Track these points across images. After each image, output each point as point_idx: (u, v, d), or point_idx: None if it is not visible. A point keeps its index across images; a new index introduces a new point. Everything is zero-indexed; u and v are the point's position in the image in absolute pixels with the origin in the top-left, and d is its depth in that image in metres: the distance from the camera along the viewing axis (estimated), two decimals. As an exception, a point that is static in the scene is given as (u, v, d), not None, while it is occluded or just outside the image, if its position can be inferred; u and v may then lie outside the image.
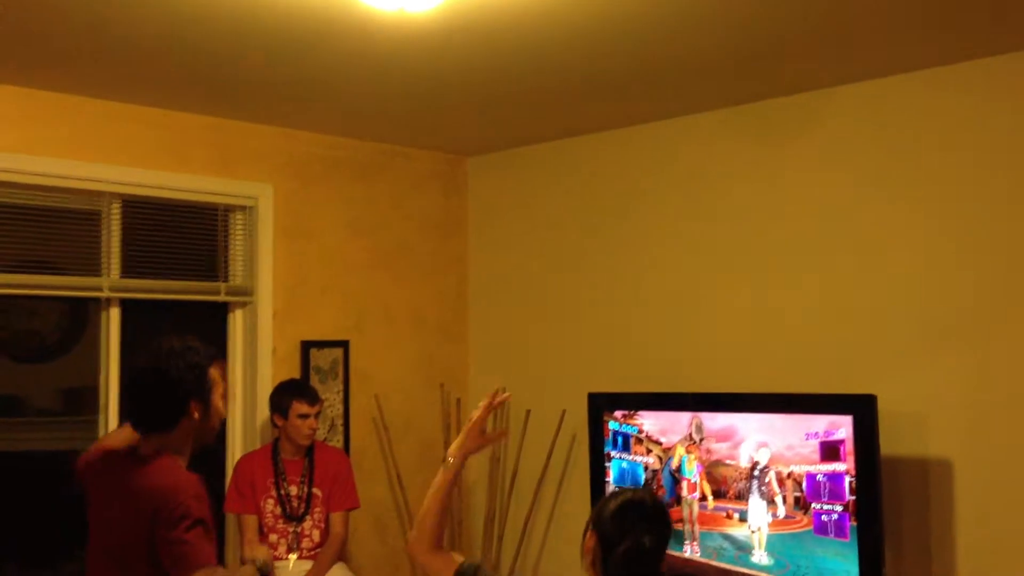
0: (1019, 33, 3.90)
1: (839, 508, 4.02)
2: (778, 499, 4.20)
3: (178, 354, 2.91)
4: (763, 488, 4.25)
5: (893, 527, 4.24)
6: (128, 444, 3.00)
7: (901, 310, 4.36)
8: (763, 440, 4.26)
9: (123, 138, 4.71)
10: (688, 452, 4.52)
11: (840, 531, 4.02)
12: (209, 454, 5.05)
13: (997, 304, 4.13)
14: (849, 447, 4.00)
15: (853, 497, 3.98)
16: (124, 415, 3.04)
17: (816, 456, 4.09)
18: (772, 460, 4.22)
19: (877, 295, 4.43)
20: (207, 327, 5.13)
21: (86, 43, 3.88)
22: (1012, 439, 4.05)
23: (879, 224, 4.44)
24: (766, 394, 4.40)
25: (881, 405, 4.01)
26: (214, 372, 2.98)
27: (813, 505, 4.10)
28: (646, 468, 4.67)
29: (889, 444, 4.13)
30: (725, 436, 4.41)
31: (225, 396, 3.04)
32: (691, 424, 4.52)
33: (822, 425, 4.09)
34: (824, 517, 4.07)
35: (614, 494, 2.92)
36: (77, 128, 4.58)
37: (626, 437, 4.74)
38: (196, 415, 2.91)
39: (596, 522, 2.80)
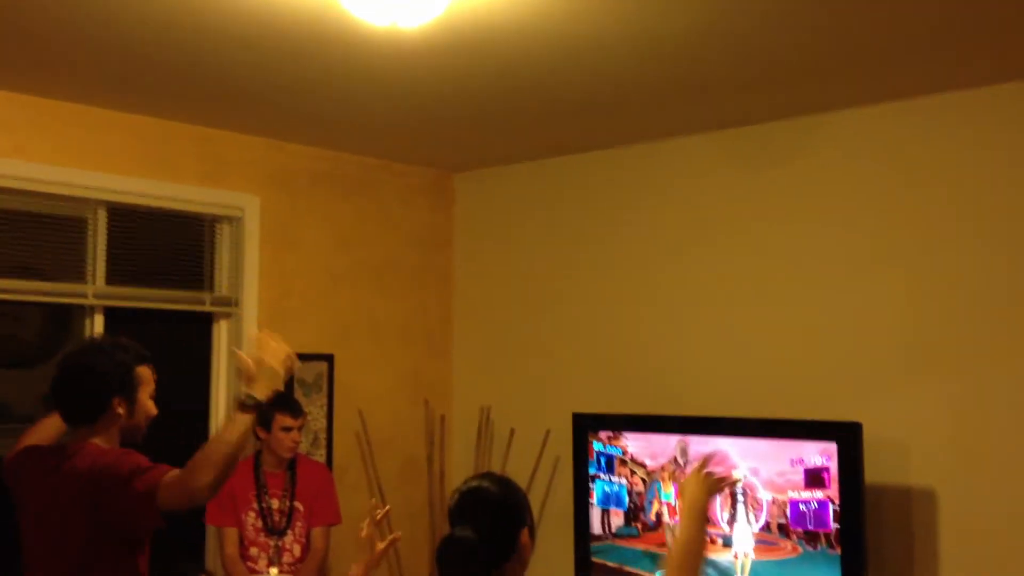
0: (1005, 66, 3.92)
1: (823, 536, 4.01)
2: (758, 516, 4.19)
3: (106, 352, 3.01)
4: (748, 511, 4.24)
5: (876, 555, 4.24)
6: (54, 439, 3.11)
7: (886, 338, 4.37)
8: (750, 466, 4.25)
9: (111, 146, 4.69)
10: (672, 476, 4.51)
11: (824, 559, 4.01)
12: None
13: (981, 333, 4.14)
14: (834, 474, 3.99)
15: (837, 525, 3.97)
16: (54, 406, 3.11)
17: (800, 482, 4.09)
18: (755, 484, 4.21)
19: (863, 322, 4.44)
20: (191, 337, 5.10)
21: (75, 49, 3.86)
22: (995, 468, 4.06)
23: (865, 251, 4.45)
24: (751, 419, 4.40)
25: (866, 433, 4.02)
26: (142, 371, 3.06)
27: (796, 532, 4.09)
28: (630, 491, 4.65)
29: (873, 472, 4.13)
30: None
31: (154, 396, 3.10)
32: (676, 447, 4.50)
33: (807, 452, 4.08)
34: (808, 545, 4.06)
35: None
36: (65, 135, 4.56)
37: (610, 458, 4.73)
38: (120, 411, 2.98)
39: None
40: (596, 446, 4.77)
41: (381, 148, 5.53)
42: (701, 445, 4.40)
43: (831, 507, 4.00)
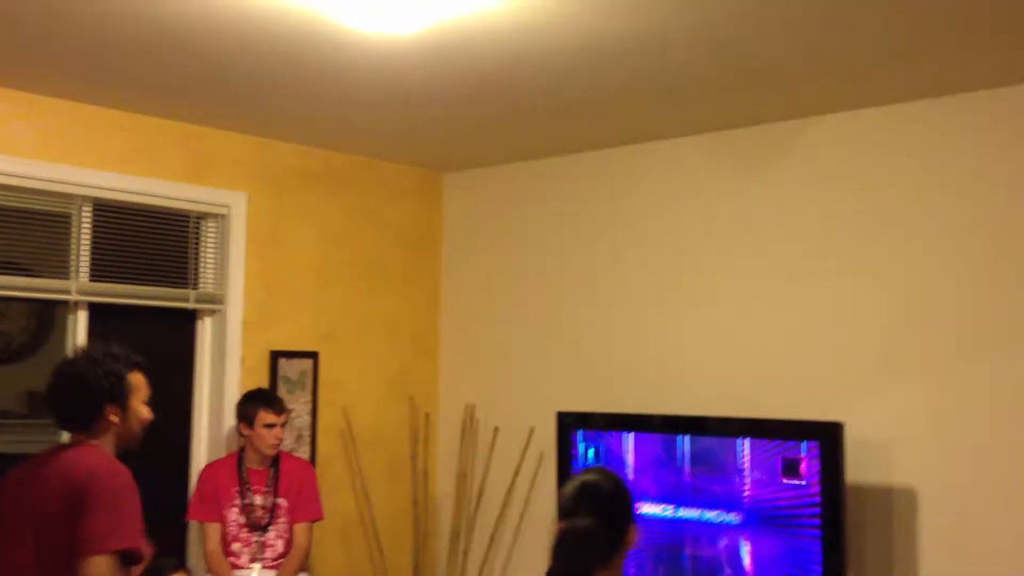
0: (994, 70, 3.94)
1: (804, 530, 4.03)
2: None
3: (98, 362, 3.05)
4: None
5: (857, 554, 4.26)
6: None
7: (869, 338, 4.39)
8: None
9: (96, 141, 4.68)
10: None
11: (805, 556, 4.03)
12: (174, 462, 5.04)
13: (962, 334, 4.16)
14: (812, 467, 4.01)
15: (816, 520, 3.99)
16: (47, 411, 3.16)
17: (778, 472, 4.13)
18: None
19: (846, 323, 4.46)
20: (175, 334, 5.10)
21: (62, 45, 3.86)
22: (976, 468, 4.08)
23: (849, 253, 4.47)
24: (734, 418, 4.41)
25: (847, 432, 4.04)
26: (134, 377, 3.09)
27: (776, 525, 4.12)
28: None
29: (854, 471, 4.15)
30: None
31: (148, 401, 3.14)
32: (658, 445, 4.52)
33: (789, 451, 4.11)
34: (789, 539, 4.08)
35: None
36: (49, 130, 4.55)
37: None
38: (114, 419, 3.02)
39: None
40: (580, 444, 4.78)
41: (369, 146, 5.53)
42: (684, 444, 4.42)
43: (807, 499, 4.02)
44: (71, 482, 2.85)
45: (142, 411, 3.11)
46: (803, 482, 4.07)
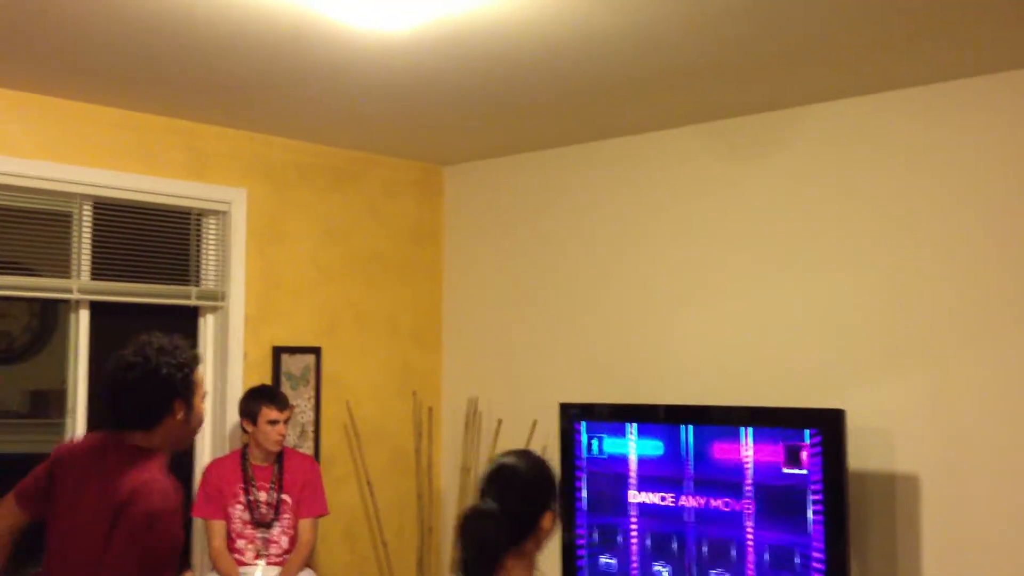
0: (984, 57, 3.94)
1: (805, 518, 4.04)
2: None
3: (167, 351, 2.85)
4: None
5: (859, 541, 4.27)
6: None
7: (869, 326, 4.39)
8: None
9: (96, 140, 4.69)
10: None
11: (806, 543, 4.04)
12: (178, 459, 5.05)
13: (964, 321, 4.16)
14: (813, 455, 4.02)
15: (820, 507, 4.00)
16: (105, 410, 2.89)
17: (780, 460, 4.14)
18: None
19: (845, 311, 4.46)
20: (177, 331, 5.09)
21: (61, 44, 3.86)
22: (978, 454, 4.09)
23: (847, 241, 4.47)
24: (736, 407, 4.42)
25: (849, 420, 4.04)
26: (198, 374, 2.93)
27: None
28: (615, 479, 4.68)
29: (856, 458, 4.16)
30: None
31: (204, 399, 3.00)
32: (661, 436, 4.53)
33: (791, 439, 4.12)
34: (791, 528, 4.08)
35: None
36: (49, 129, 4.56)
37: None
38: (179, 416, 2.85)
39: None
40: (583, 435, 4.79)
41: (369, 141, 5.53)
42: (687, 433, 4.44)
43: (810, 486, 4.03)
44: (118, 500, 2.68)
45: (202, 410, 2.95)
46: (805, 470, 4.08)
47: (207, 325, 5.19)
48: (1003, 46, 3.82)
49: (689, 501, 4.42)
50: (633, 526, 4.59)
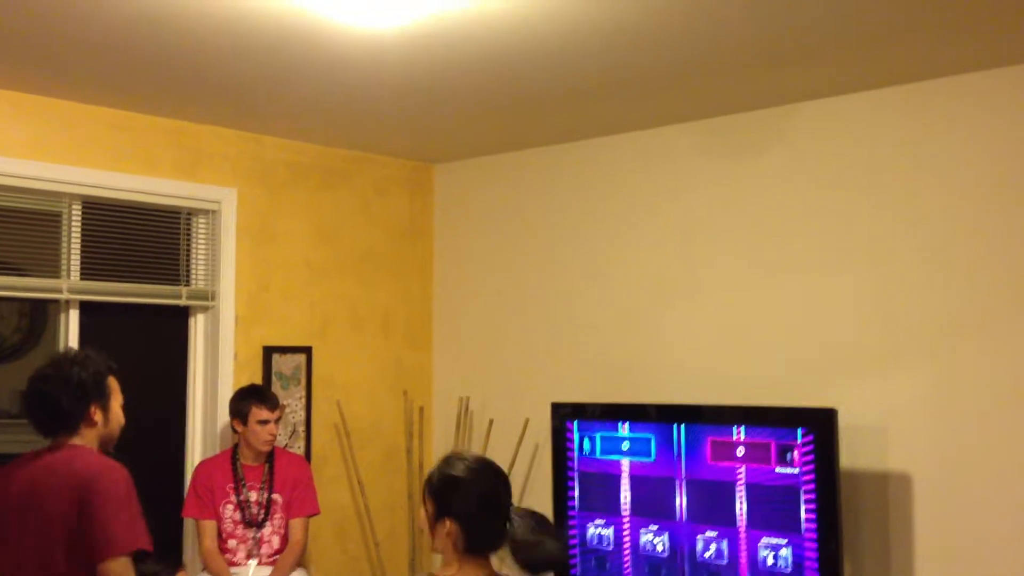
0: (978, 54, 3.94)
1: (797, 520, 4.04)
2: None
3: (79, 362, 3.13)
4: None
5: (852, 539, 4.27)
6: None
7: (862, 324, 4.39)
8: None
9: (85, 139, 4.67)
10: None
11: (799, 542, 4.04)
12: (168, 459, 5.04)
13: (957, 319, 4.16)
14: (804, 454, 4.02)
15: (812, 506, 4.01)
16: (29, 421, 3.20)
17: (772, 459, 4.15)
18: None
19: (838, 309, 4.46)
20: (167, 331, 5.09)
21: (50, 43, 3.84)
22: (970, 453, 4.09)
23: (841, 239, 4.47)
24: (728, 407, 4.41)
25: (841, 418, 4.05)
26: (112, 381, 3.20)
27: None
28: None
29: (849, 457, 4.16)
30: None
31: (123, 406, 3.23)
32: (653, 435, 4.53)
33: (783, 438, 4.12)
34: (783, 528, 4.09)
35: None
36: (39, 128, 4.53)
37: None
38: (97, 418, 3.11)
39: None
40: (575, 435, 4.79)
41: (359, 140, 5.52)
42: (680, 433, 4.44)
43: (802, 485, 4.04)
44: (78, 482, 2.91)
45: (120, 414, 3.20)
46: (797, 469, 4.08)
47: (197, 325, 5.17)
48: (997, 42, 3.83)
49: (681, 500, 4.41)
50: (625, 525, 4.58)
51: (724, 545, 4.28)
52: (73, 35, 3.74)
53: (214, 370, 5.11)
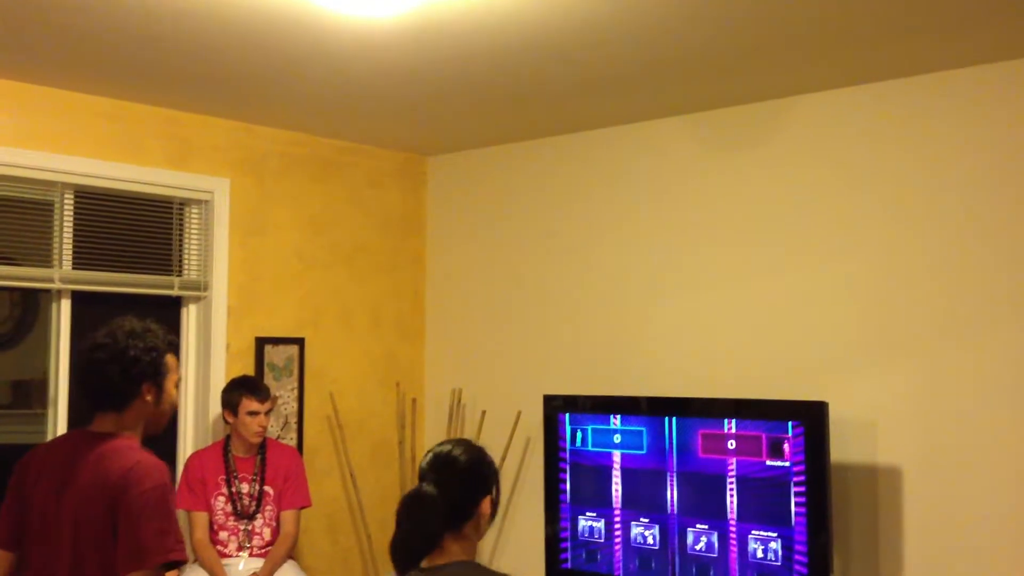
0: (975, 48, 3.94)
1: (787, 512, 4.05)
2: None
3: (138, 335, 2.91)
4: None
5: (842, 532, 4.28)
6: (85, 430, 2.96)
7: (853, 318, 4.40)
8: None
9: (78, 128, 4.66)
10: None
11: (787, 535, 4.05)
12: (160, 449, 5.02)
13: (948, 314, 4.17)
14: (795, 447, 4.03)
15: (803, 499, 4.01)
16: (78, 391, 2.99)
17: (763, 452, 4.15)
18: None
19: (830, 303, 4.46)
20: (159, 321, 5.06)
21: (42, 32, 3.83)
22: (961, 447, 4.10)
23: (833, 233, 4.47)
24: (719, 399, 4.42)
25: (832, 412, 4.05)
26: (170, 358, 2.98)
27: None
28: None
29: (839, 451, 4.17)
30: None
31: (178, 385, 3.05)
32: (644, 427, 4.53)
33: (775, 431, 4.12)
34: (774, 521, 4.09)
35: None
36: (30, 117, 4.52)
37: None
38: (149, 398, 2.90)
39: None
40: (567, 427, 4.79)
41: (352, 131, 5.51)
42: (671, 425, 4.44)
43: (792, 478, 4.04)
44: (110, 486, 2.71)
45: (174, 394, 3.00)
46: (788, 462, 4.08)
47: (189, 315, 5.16)
48: (994, 36, 3.83)
49: (672, 492, 4.42)
50: (616, 518, 4.59)
51: (714, 538, 4.29)
52: (65, 23, 3.73)
53: (206, 361, 5.10)
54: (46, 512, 2.83)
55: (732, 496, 4.25)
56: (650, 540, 4.48)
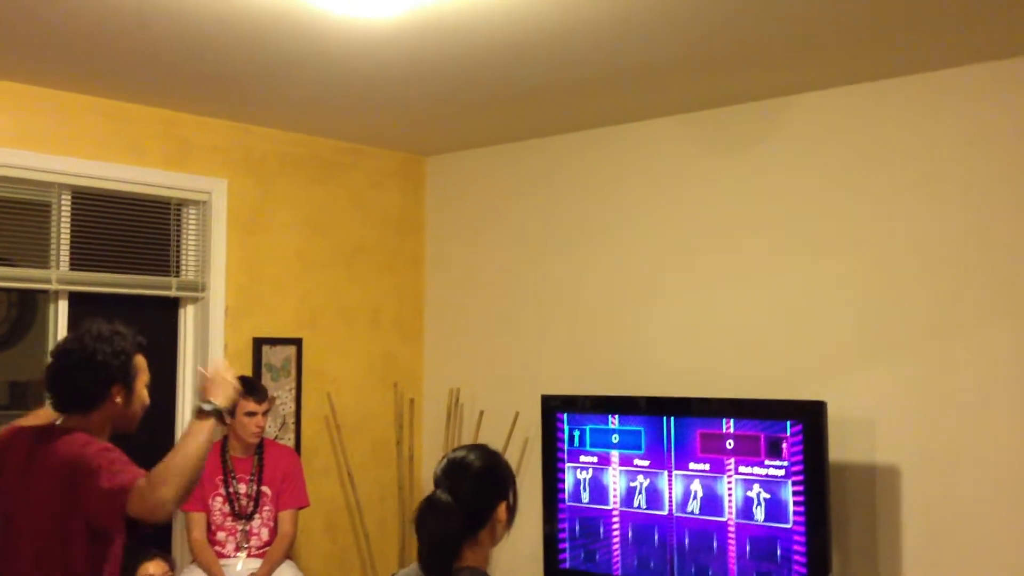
0: (971, 47, 3.94)
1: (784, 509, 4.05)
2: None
3: (106, 338, 2.96)
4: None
5: (840, 531, 4.28)
6: (47, 423, 3.03)
7: (851, 318, 4.39)
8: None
9: (75, 129, 4.65)
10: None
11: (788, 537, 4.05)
12: (160, 450, 5.01)
13: (946, 313, 4.17)
14: (794, 447, 4.03)
15: (801, 498, 4.01)
16: (47, 394, 3.04)
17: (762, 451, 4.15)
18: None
19: (829, 302, 4.46)
20: (157, 322, 5.07)
21: (39, 32, 3.83)
22: (959, 446, 4.10)
23: (832, 233, 4.47)
24: (717, 399, 4.41)
25: (831, 411, 4.05)
26: (139, 360, 3.03)
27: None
28: (597, 471, 4.67)
29: (838, 450, 4.17)
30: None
31: (148, 385, 3.08)
32: (643, 427, 4.53)
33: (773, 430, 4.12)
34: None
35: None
36: (28, 118, 4.52)
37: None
38: (118, 400, 2.96)
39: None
40: (565, 427, 4.79)
41: (351, 131, 5.51)
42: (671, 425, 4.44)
43: (791, 477, 4.04)
44: (65, 471, 2.79)
45: (144, 395, 3.05)
46: (786, 461, 4.08)
47: (187, 316, 5.16)
48: (990, 35, 3.83)
49: (671, 492, 4.42)
50: (615, 517, 4.59)
51: (713, 537, 4.28)
52: (64, 24, 3.73)
53: (204, 361, 5.09)
54: (11, 508, 2.90)
55: (731, 495, 4.24)
56: (647, 539, 4.48)
